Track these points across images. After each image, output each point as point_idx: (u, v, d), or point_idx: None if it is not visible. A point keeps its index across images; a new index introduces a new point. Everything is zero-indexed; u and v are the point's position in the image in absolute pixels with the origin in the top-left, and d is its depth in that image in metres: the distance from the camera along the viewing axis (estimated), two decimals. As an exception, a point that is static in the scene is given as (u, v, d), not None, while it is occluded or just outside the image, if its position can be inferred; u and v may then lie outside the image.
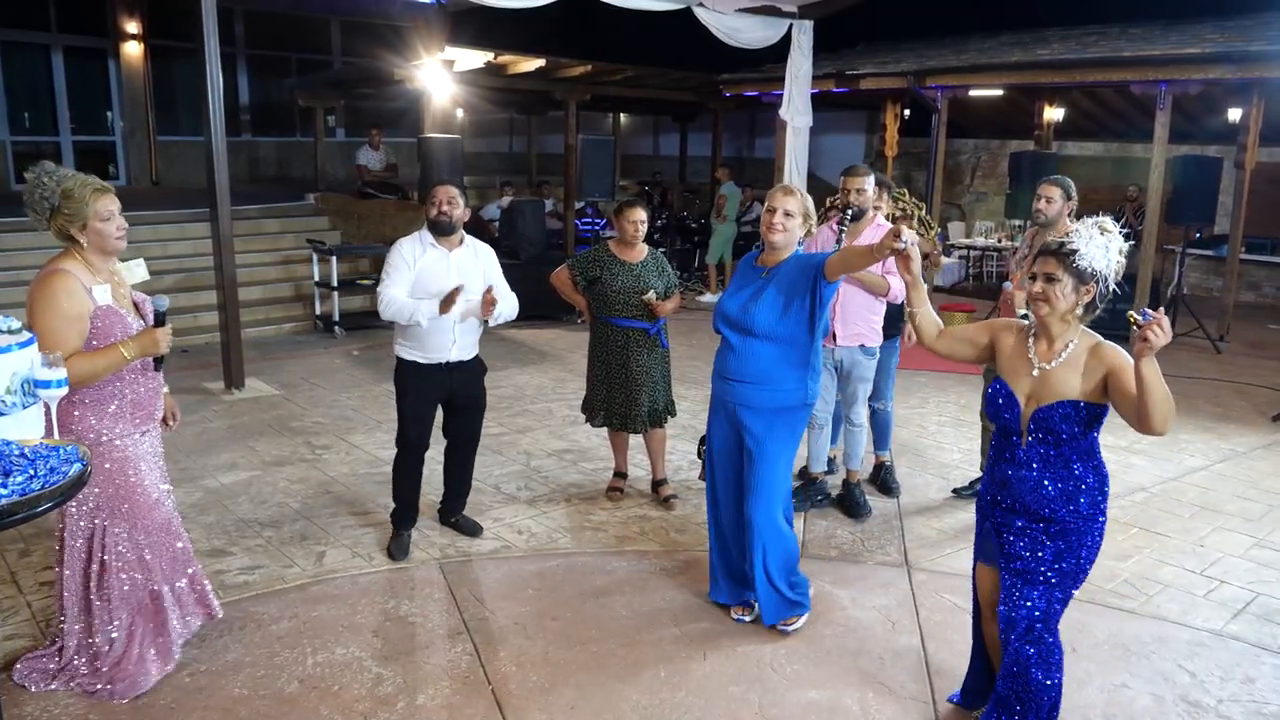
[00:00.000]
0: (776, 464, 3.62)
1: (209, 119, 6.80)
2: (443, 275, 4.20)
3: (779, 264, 3.58)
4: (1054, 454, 2.74)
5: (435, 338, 4.23)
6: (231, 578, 4.10)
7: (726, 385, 3.69)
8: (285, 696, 3.23)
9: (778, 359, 3.54)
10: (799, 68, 9.86)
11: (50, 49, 13.53)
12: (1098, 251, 2.64)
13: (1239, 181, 9.79)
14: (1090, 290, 2.68)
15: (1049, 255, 2.71)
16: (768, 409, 3.59)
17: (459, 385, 4.38)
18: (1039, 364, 2.75)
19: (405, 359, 4.32)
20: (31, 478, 2.26)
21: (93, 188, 3.04)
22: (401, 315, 4.14)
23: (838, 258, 3.41)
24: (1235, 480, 5.62)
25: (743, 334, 3.57)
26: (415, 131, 11.10)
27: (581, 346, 8.41)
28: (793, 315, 3.49)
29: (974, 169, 15.69)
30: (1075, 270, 2.65)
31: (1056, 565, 2.76)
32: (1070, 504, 2.73)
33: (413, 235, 4.32)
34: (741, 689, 3.34)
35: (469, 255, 4.32)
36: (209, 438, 6.06)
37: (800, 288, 3.47)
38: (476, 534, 4.60)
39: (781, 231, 3.53)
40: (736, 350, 3.61)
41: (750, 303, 3.55)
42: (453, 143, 9.56)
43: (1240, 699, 3.36)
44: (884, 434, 5.38)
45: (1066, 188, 4.74)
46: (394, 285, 4.17)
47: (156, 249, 9.82)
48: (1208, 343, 9.36)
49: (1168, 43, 9.71)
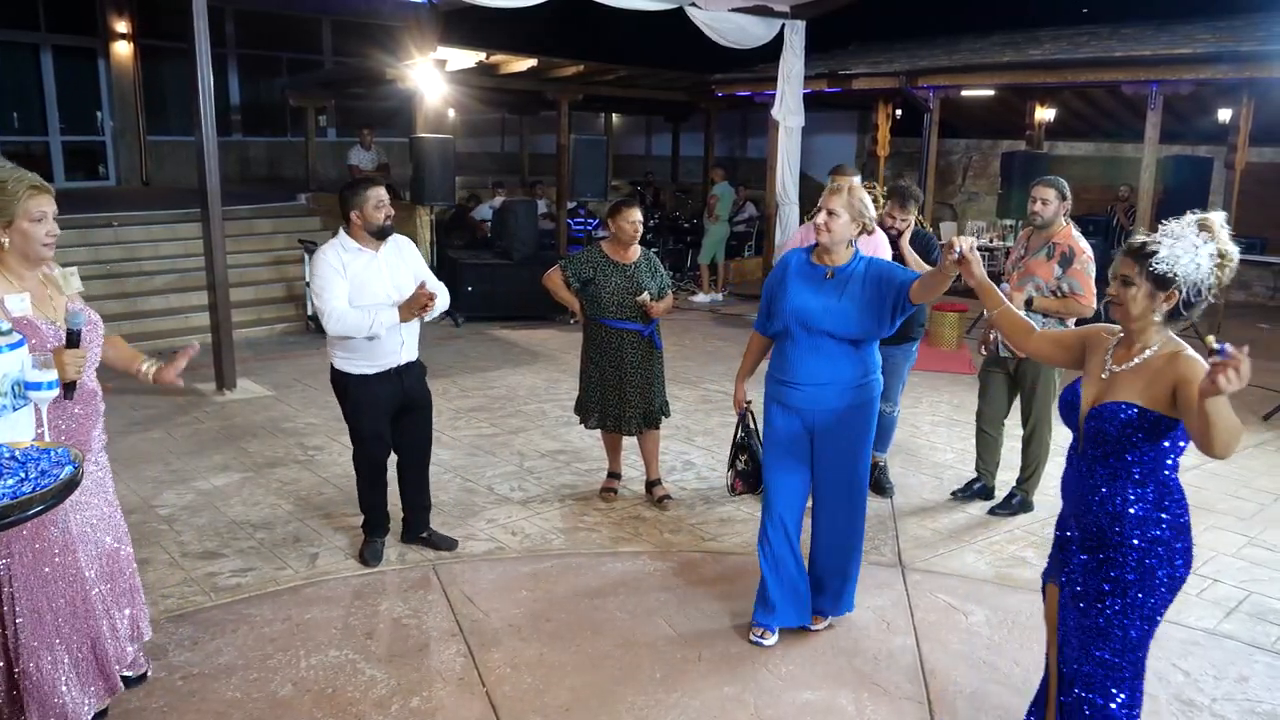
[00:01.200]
0: (860, 457, 3.61)
1: (200, 119, 6.77)
2: (375, 279, 3.98)
3: (845, 265, 3.50)
4: (1107, 462, 2.47)
5: (385, 342, 3.99)
6: (224, 580, 4.07)
7: (799, 391, 3.54)
8: (278, 699, 3.21)
9: (855, 357, 3.51)
10: (791, 68, 9.88)
11: (39, 48, 13.45)
12: (1184, 254, 2.35)
13: (1229, 181, 9.85)
14: (1172, 297, 2.39)
15: (1127, 255, 2.45)
16: (849, 406, 3.53)
17: (411, 388, 4.16)
18: (1110, 366, 2.52)
19: (352, 373, 4.04)
20: (22, 481, 2.24)
21: (28, 183, 2.73)
22: (360, 329, 3.88)
23: (920, 286, 3.32)
24: (1227, 479, 5.64)
25: (823, 336, 3.46)
26: (407, 131, 11.08)
27: (574, 347, 8.38)
28: (875, 318, 3.44)
29: (966, 169, 15.73)
30: (1152, 275, 2.38)
31: (1110, 597, 2.47)
32: (1115, 531, 2.46)
33: (331, 243, 4.02)
34: (736, 690, 3.34)
35: (394, 253, 4.09)
36: (200, 439, 6.03)
37: (883, 298, 3.41)
38: (452, 548, 4.41)
39: (827, 233, 3.47)
40: (813, 353, 3.49)
41: (834, 304, 3.45)
42: (445, 143, 9.55)
43: (1234, 698, 3.36)
44: (886, 435, 5.39)
45: (1060, 188, 4.71)
46: (336, 298, 3.88)
47: (147, 249, 9.80)
48: (1198, 342, 9.38)
49: (1159, 43, 9.74)
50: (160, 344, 8.55)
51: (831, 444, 3.57)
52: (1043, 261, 4.66)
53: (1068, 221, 4.75)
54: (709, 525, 4.81)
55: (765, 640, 3.64)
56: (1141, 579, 2.45)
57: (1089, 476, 2.51)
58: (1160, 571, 2.43)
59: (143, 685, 3.24)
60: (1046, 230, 4.72)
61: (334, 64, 16.02)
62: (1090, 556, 2.52)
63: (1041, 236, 4.74)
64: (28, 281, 2.79)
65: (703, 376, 7.76)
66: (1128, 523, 2.44)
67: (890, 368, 5.23)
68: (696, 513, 4.96)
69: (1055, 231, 4.71)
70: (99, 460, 3.00)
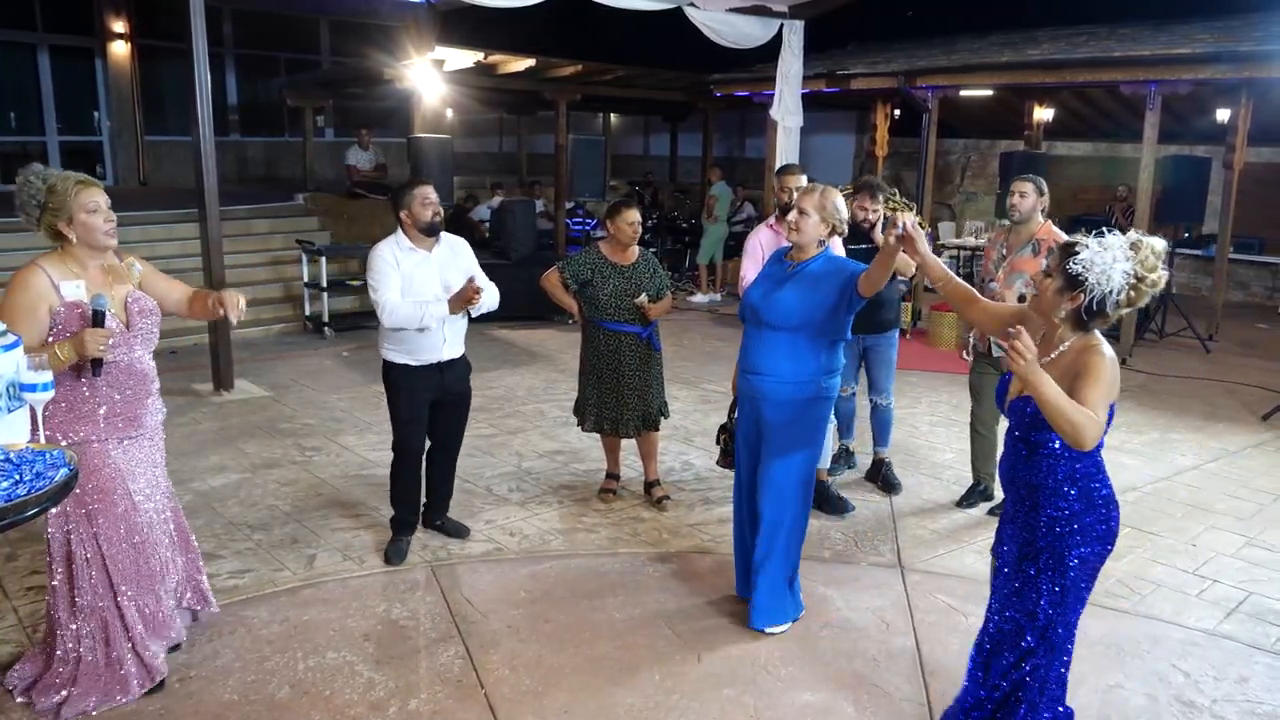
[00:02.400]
0: (788, 457, 3.61)
1: (197, 119, 6.76)
2: (426, 277, 4.14)
3: (806, 260, 3.60)
4: (1027, 441, 2.65)
5: (427, 338, 4.16)
6: (221, 581, 4.06)
7: (746, 378, 3.70)
8: (276, 702, 3.20)
9: (794, 351, 3.55)
10: (790, 68, 9.86)
11: (36, 48, 13.42)
12: (1099, 263, 2.44)
13: (1227, 181, 9.83)
14: (1075, 299, 2.50)
15: (1060, 248, 2.60)
16: (783, 401, 3.58)
17: (450, 383, 4.32)
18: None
19: (396, 362, 4.23)
20: (17, 483, 2.22)
21: (75, 180, 3.01)
22: (411, 321, 4.05)
23: (865, 280, 3.41)
24: (1226, 479, 5.63)
25: (760, 325, 3.60)
26: (405, 131, 11.05)
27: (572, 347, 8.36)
28: (817, 312, 3.51)
29: (964, 169, 15.73)
30: (1065, 272, 2.50)
31: (1026, 560, 2.68)
32: (1032, 503, 2.66)
33: (388, 240, 4.18)
34: (736, 691, 3.33)
35: (447, 253, 4.25)
36: (198, 440, 6.01)
37: (830, 290, 3.50)
38: (464, 536, 4.57)
39: (796, 232, 3.57)
40: (756, 341, 3.64)
41: (773, 293, 3.59)
42: (443, 143, 9.53)
43: (1234, 698, 3.36)
44: (884, 430, 5.41)
45: (1039, 184, 4.76)
46: (390, 290, 4.06)
47: (144, 250, 9.72)
48: (1197, 342, 9.40)
49: (1157, 43, 9.73)
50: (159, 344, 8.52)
51: (769, 437, 3.63)
52: (1029, 258, 4.67)
53: (1045, 218, 4.78)
54: (708, 526, 4.80)
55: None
56: (1053, 552, 2.62)
57: (1013, 453, 2.71)
58: (1072, 550, 2.59)
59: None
60: (1025, 226, 4.75)
61: (332, 64, 16.00)
62: (1014, 526, 2.73)
63: (1022, 234, 4.76)
64: (90, 271, 3.07)
65: (701, 377, 7.74)
66: (1040, 492, 2.63)
67: (875, 358, 5.26)
68: (695, 513, 4.95)
69: (1036, 228, 4.74)
70: (154, 438, 3.31)
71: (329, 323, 9.46)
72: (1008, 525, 2.78)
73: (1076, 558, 2.61)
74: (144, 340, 3.19)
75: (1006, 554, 2.76)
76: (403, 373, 4.23)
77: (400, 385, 4.25)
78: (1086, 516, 2.60)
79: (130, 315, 3.14)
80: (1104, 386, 2.45)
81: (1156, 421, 6.81)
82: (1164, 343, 9.53)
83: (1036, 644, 2.68)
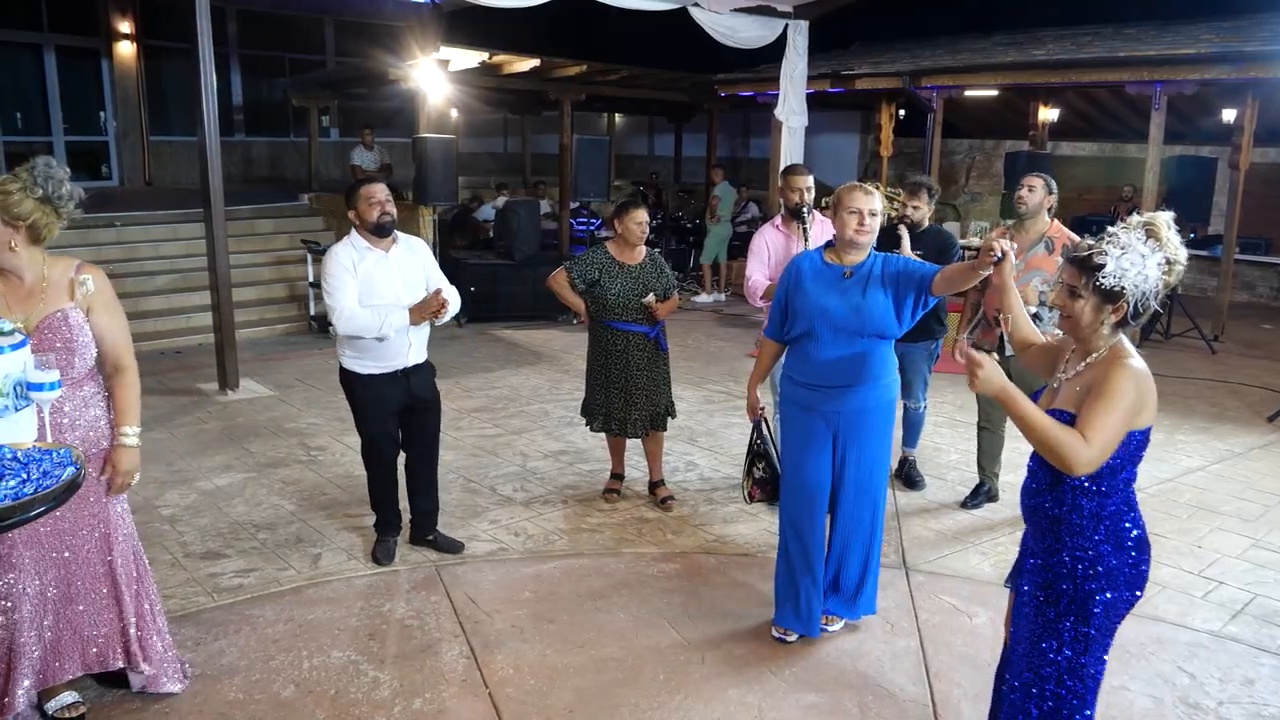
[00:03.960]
0: (883, 460, 3.61)
1: (203, 119, 6.77)
2: (386, 279, 4.00)
3: (863, 262, 3.50)
4: (1048, 480, 2.41)
5: (391, 344, 4.02)
6: (226, 580, 4.07)
7: (825, 394, 3.51)
8: (281, 701, 3.21)
9: (881, 357, 3.52)
10: (794, 68, 9.85)
11: (42, 49, 13.46)
12: (1131, 267, 2.25)
13: (1233, 182, 9.81)
14: (1120, 309, 2.30)
15: (1071, 264, 2.35)
16: (873, 407, 3.53)
17: (418, 388, 4.18)
18: (1060, 374, 2.47)
19: (359, 372, 4.08)
20: (24, 482, 2.23)
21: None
22: (369, 329, 3.91)
23: (943, 278, 3.34)
24: (1232, 481, 5.62)
25: (850, 335, 3.44)
26: (409, 131, 11.08)
27: (577, 347, 8.34)
28: (896, 314, 3.46)
29: (969, 169, 15.71)
30: (1099, 289, 2.28)
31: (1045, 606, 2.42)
32: (1054, 537, 2.40)
33: (343, 242, 4.05)
34: (740, 692, 3.33)
35: (406, 253, 4.10)
36: (203, 439, 6.02)
37: (907, 291, 3.42)
38: (458, 551, 4.40)
39: (869, 233, 3.48)
40: (840, 353, 3.46)
41: (859, 301, 3.43)
42: (447, 143, 9.54)
43: (1240, 701, 3.35)
44: (914, 431, 5.48)
45: (1048, 181, 4.76)
46: (347, 297, 3.92)
47: (149, 249, 9.79)
48: (1202, 343, 9.38)
49: (1162, 43, 9.71)
50: (162, 344, 8.56)
51: (855, 445, 3.55)
52: (1044, 256, 4.67)
53: (1053, 218, 4.78)
54: (713, 526, 4.80)
55: (788, 638, 3.67)
56: (1076, 595, 2.37)
57: (1035, 479, 2.47)
58: (1098, 596, 2.35)
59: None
60: (1033, 224, 4.75)
61: (336, 64, 16.02)
62: (1038, 560, 2.47)
63: (1030, 233, 4.76)
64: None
65: (705, 377, 7.74)
66: (1063, 527, 2.38)
67: (910, 364, 5.26)
68: (700, 514, 4.95)
69: (1045, 226, 4.75)
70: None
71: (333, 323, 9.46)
72: (1028, 559, 2.54)
73: (1101, 604, 2.36)
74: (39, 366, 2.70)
75: (1026, 595, 2.50)
76: (366, 382, 4.08)
77: (366, 397, 4.11)
78: (1113, 559, 2.35)
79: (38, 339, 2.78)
80: (1120, 407, 2.22)
81: (1162, 422, 6.79)
82: (1169, 343, 9.51)
83: (1056, 689, 2.44)
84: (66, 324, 2.84)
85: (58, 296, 2.87)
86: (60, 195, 2.83)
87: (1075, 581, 2.37)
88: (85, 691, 3.15)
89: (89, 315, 2.92)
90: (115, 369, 3.00)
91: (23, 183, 2.78)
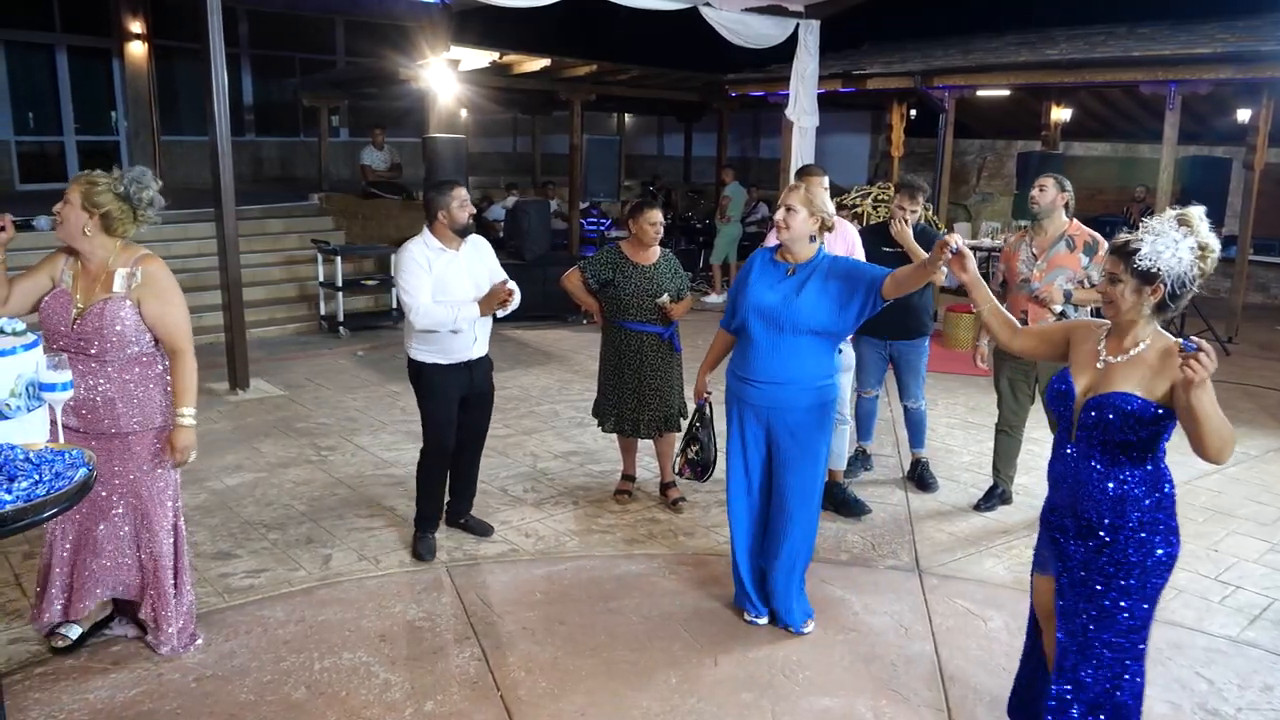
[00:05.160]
0: (817, 461, 3.59)
1: (214, 119, 6.77)
2: (456, 277, 4.20)
3: (809, 261, 3.53)
4: (1107, 448, 2.54)
5: (460, 338, 4.22)
6: (237, 581, 4.06)
7: (756, 389, 3.58)
8: (292, 702, 3.19)
9: (814, 354, 3.51)
10: (805, 67, 9.82)
11: (54, 49, 13.49)
12: (1165, 249, 2.44)
13: (1248, 182, 9.74)
14: (1157, 291, 2.48)
15: (1112, 253, 2.57)
16: (806, 406, 3.53)
17: (478, 380, 4.39)
18: (1106, 357, 2.59)
19: (427, 362, 4.25)
20: (37, 483, 2.22)
21: None
22: (444, 323, 4.10)
23: (893, 282, 3.33)
24: (1248, 484, 5.57)
25: (780, 331, 3.47)
26: (419, 131, 11.06)
27: (587, 347, 8.33)
28: (838, 315, 3.45)
29: (980, 169, 15.64)
30: (1136, 271, 2.48)
31: (1114, 579, 2.56)
32: (1116, 514, 2.54)
33: (416, 240, 4.22)
34: (754, 695, 3.30)
35: (473, 252, 4.32)
36: (214, 438, 6.02)
37: (851, 293, 3.42)
38: (488, 534, 4.58)
39: (785, 229, 3.51)
40: (770, 348, 3.51)
41: (790, 297, 3.47)
42: (457, 143, 9.53)
43: (1259, 707, 3.31)
44: (919, 431, 5.45)
45: (1060, 181, 4.76)
46: (422, 292, 4.10)
47: (159, 249, 9.74)
48: (1216, 344, 9.31)
49: (1176, 42, 9.65)
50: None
51: (785, 444, 3.58)
52: (1066, 254, 4.66)
53: (1070, 216, 4.77)
54: (723, 528, 4.75)
55: (759, 620, 3.78)
56: (1143, 558, 2.55)
57: (1085, 461, 2.59)
58: (1159, 550, 2.55)
59: (158, 685, 3.23)
60: (1049, 224, 4.74)
61: (346, 64, 16.03)
62: (1088, 542, 2.60)
63: (1049, 233, 4.74)
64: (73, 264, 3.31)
65: (714, 378, 7.68)
66: (1129, 503, 2.54)
67: (905, 365, 5.24)
68: (711, 515, 4.93)
69: (1063, 225, 4.73)
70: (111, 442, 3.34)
71: (344, 322, 9.48)
72: (1073, 541, 2.64)
73: (1163, 560, 2.56)
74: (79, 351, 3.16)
75: (1082, 581, 2.62)
76: (435, 371, 4.25)
77: (433, 385, 4.28)
78: (1159, 514, 2.56)
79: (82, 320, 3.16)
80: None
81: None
82: (1183, 345, 9.43)
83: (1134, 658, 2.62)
84: (106, 311, 3.14)
85: (112, 285, 3.18)
86: (140, 199, 3.24)
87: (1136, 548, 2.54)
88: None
89: (140, 305, 3.21)
90: (171, 353, 3.31)
91: (112, 179, 3.19)
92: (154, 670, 3.34)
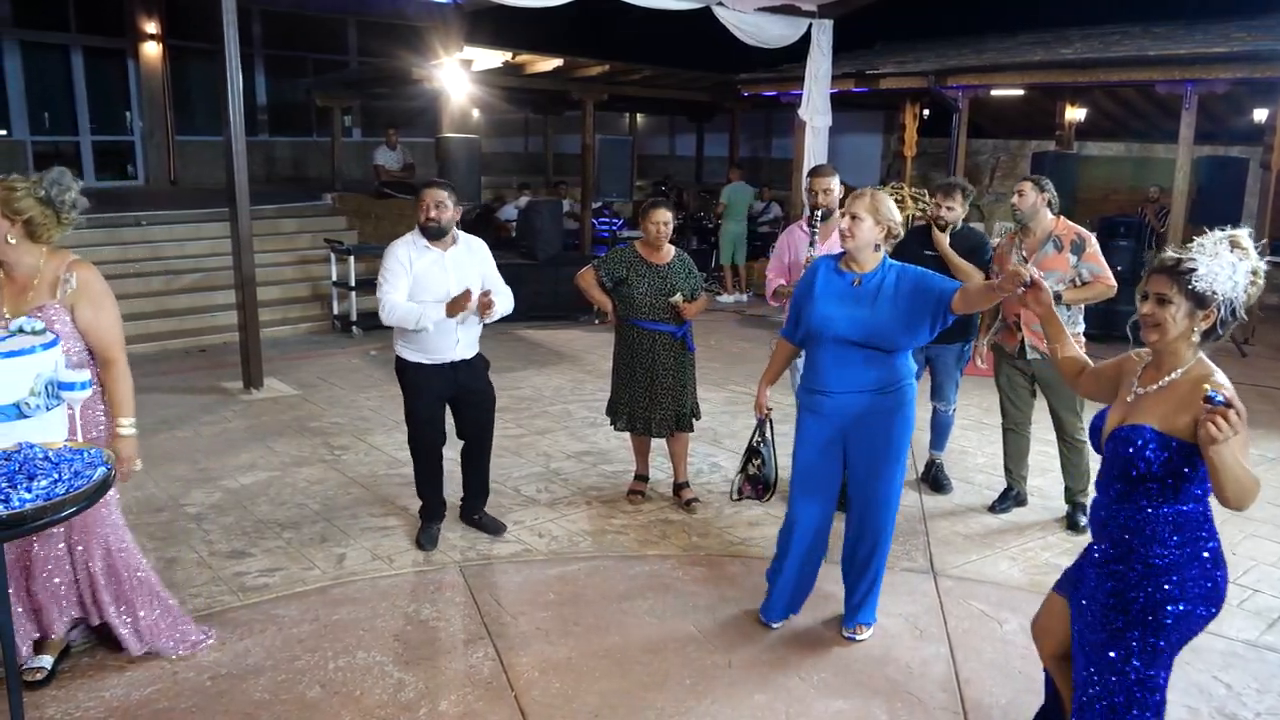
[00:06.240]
0: (898, 463, 3.56)
1: (229, 119, 6.80)
2: (440, 277, 4.21)
3: (872, 272, 3.45)
4: (1125, 481, 2.36)
5: (439, 339, 4.24)
6: (252, 580, 4.07)
7: (827, 399, 3.50)
8: (307, 701, 3.20)
9: (886, 366, 3.46)
10: (818, 67, 9.81)
11: (69, 49, 13.59)
12: (1222, 272, 2.26)
13: (1265, 183, 9.68)
14: (1210, 316, 2.29)
15: (1162, 272, 2.33)
16: (884, 410, 3.48)
17: (467, 381, 4.39)
18: (1135, 389, 2.41)
19: (409, 360, 4.31)
20: (56, 482, 2.23)
21: None
22: (407, 321, 4.14)
23: (962, 298, 3.26)
24: (1265, 487, 5.44)
25: (853, 345, 3.41)
26: (432, 131, 11.10)
27: (599, 347, 8.33)
28: (904, 329, 3.39)
29: (993, 169, 15.57)
30: (1192, 293, 2.27)
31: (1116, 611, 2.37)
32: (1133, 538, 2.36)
33: (405, 238, 4.28)
34: (768, 697, 3.29)
35: (464, 253, 4.32)
36: (228, 437, 6.05)
37: (922, 307, 3.35)
38: (500, 532, 4.59)
39: (850, 239, 3.44)
40: (837, 362, 3.44)
41: (855, 312, 3.40)
42: (470, 142, 9.56)
43: (1278, 712, 3.28)
44: (942, 434, 5.45)
45: (1038, 182, 4.76)
46: (394, 290, 4.15)
47: (173, 248, 9.85)
48: (1232, 346, 9.24)
49: (1191, 42, 9.59)
50: (187, 342, 8.62)
51: (863, 451, 3.53)
52: (1054, 255, 4.65)
53: (1056, 214, 4.76)
54: (737, 529, 4.76)
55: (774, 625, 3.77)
56: (1147, 606, 2.34)
57: (1105, 494, 2.45)
58: (1169, 606, 2.32)
59: (173, 684, 3.25)
60: (1036, 225, 4.74)
61: (359, 64, 16.09)
62: (1104, 569, 2.45)
63: (1036, 234, 4.74)
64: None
65: (729, 378, 7.70)
66: (1138, 538, 2.36)
67: (940, 367, 5.23)
68: (724, 516, 4.92)
69: (1049, 225, 4.73)
70: None
71: (356, 322, 9.50)
72: (1090, 569, 2.50)
73: (1173, 616, 2.33)
74: None
75: (1089, 606, 2.47)
76: (415, 370, 4.30)
77: (414, 383, 4.33)
78: (1189, 569, 2.33)
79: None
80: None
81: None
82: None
83: (1127, 703, 2.40)
84: (40, 320, 2.95)
85: (44, 293, 3.02)
86: (63, 201, 3.04)
87: (1147, 591, 2.34)
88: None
89: (74, 311, 3.05)
90: (103, 363, 3.13)
91: (30, 183, 3.01)
92: (169, 669, 3.35)
